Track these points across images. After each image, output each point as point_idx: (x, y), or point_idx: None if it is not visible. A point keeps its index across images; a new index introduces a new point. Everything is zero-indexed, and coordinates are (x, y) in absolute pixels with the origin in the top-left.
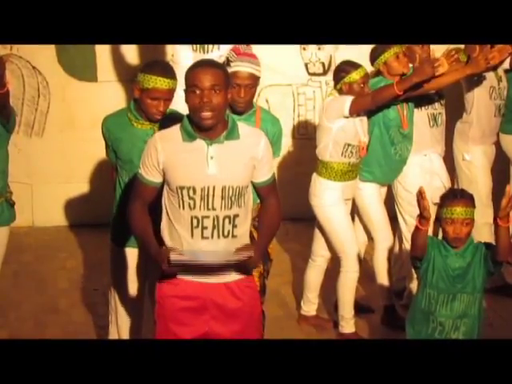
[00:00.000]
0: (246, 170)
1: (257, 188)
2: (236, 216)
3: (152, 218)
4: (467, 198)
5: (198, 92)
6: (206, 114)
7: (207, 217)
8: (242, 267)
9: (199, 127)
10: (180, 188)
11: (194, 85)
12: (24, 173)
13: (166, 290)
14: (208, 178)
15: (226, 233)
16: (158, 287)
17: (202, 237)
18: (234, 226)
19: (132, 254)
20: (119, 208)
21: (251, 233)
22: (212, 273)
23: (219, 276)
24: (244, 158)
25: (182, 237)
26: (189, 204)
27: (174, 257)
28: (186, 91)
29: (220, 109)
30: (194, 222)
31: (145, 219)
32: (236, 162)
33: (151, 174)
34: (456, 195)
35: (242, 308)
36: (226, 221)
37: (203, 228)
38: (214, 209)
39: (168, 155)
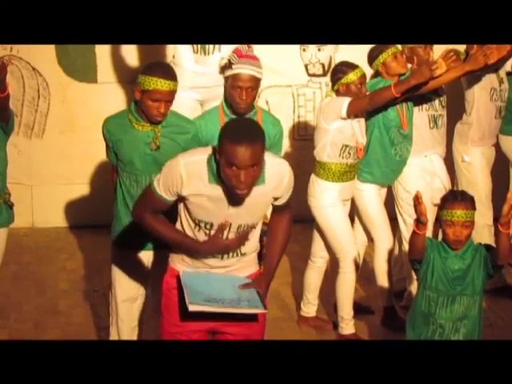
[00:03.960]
0: (265, 209)
1: (273, 205)
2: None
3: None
4: (468, 201)
5: (235, 170)
6: (242, 192)
7: None
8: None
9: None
10: (198, 220)
11: (232, 162)
12: (24, 174)
13: (173, 283)
14: (226, 217)
15: (235, 254)
16: (165, 280)
17: (213, 256)
18: (242, 245)
19: (133, 255)
20: (120, 210)
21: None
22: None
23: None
24: (265, 200)
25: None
26: (204, 232)
27: (192, 307)
28: (221, 158)
29: (256, 181)
30: None
31: (161, 220)
32: (257, 205)
33: (168, 194)
34: (456, 197)
35: None
36: None
37: None
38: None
39: (191, 192)
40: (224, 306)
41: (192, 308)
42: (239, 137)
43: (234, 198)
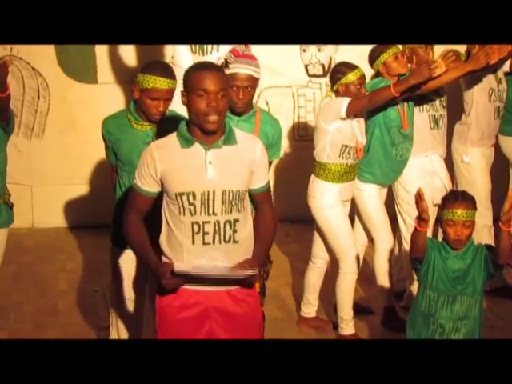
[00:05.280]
0: (245, 174)
1: (253, 195)
2: (236, 221)
3: (147, 228)
4: (468, 200)
5: (204, 96)
6: (213, 118)
7: (208, 222)
8: (243, 282)
9: (202, 131)
10: (179, 194)
11: (200, 88)
12: (24, 174)
13: (167, 300)
14: (207, 183)
15: (227, 238)
16: (159, 296)
17: (204, 243)
18: (235, 231)
19: (132, 256)
20: (119, 210)
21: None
22: (214, 283)
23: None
24: (242, 162)
25: (182, 245)
26: (189, 210)
27: (178, 267)
28: (189, 94)
29: (225, 113)
30: (195, 227)
31: (142, 232)
32: (235, 166)
33: (147, 184)
34: (457, 197)
35: (243, 315)
36: (227, 225)
37: (204, 234)
38: (214, 214)
39: (166, 163)
40: (210, 272)
41: (177, 268)
42: (204, 66)
43: (210, 156)
